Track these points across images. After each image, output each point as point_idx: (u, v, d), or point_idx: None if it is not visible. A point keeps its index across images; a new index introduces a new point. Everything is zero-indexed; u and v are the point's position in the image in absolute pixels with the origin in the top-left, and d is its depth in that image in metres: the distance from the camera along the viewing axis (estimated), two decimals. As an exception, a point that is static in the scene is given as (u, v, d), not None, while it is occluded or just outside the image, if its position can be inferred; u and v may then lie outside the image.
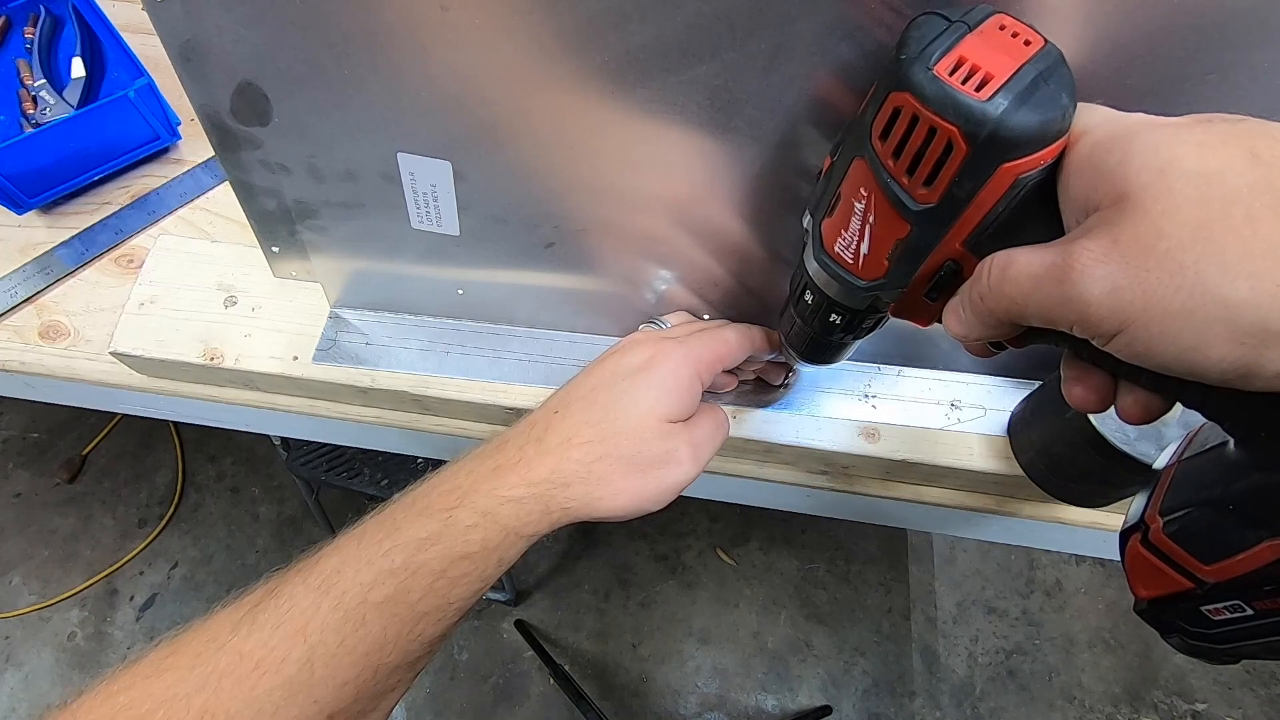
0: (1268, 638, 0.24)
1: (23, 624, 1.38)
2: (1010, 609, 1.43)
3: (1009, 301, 0.26)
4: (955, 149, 0.25)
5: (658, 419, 0.38)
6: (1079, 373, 0.27)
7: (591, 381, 0.39)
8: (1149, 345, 0.22)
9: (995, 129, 0.24)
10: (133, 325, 0.51)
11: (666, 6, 0.29)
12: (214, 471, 1.53)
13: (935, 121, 0.25)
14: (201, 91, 0.36)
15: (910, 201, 0.27)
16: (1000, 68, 0.24)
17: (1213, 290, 0.20)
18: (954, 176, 0.25)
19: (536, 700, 1.33)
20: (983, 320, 0.27)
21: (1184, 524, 0.26)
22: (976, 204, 0.26)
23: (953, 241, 0.28)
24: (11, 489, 1.49)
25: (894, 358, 0.51)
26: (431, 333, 0.51)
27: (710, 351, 0.40)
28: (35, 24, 0.63)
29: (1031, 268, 0.25)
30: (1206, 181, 0.21)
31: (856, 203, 0.29)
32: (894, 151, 0.26)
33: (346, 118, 0.37)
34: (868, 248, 0.30)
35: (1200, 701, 1.35)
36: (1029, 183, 0.25)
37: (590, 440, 0.37)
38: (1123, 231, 0.22)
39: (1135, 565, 0.28)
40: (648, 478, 0.37)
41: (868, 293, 0.32)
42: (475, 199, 0.41)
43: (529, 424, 0.38)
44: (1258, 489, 0.24)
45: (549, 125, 0.36)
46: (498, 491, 0.36)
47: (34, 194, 0.58)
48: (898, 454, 0.49)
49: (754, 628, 1.40)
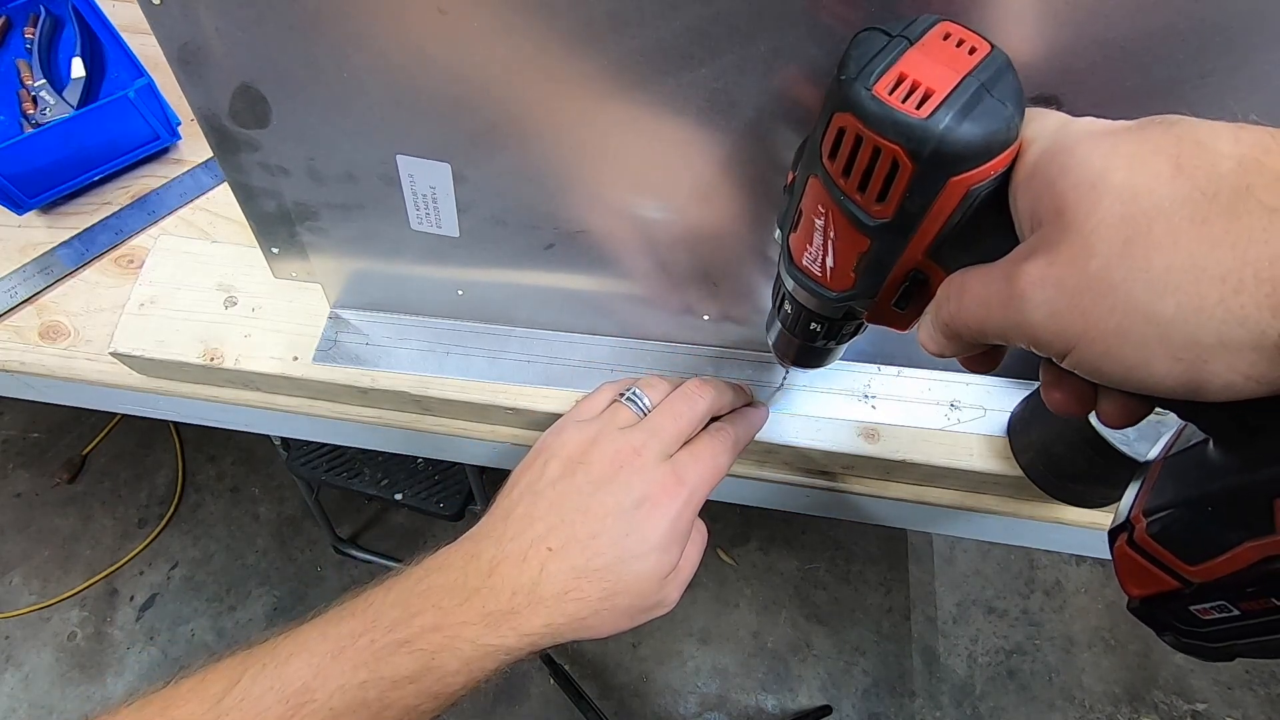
0: (1257, 637, 0.24)
1: (23, 624, 1.38)
2: (1010, 609, 1.43)
3: (968, 326, 0.26)
4: (901, 167, 0.25)
5: (659, 578, 0.38)
6: (1056, 378, 0.26)
7: (592, 520, 0.37)
8: (1096, 365, 0.22)
9: (938, 146, 0.24)
10: (133, 325, 0.51)
11: (665, 10, 0.29)
12: (214, 471, 1.53)
13: (878, 142, 0.25)
14: (200, 94, 0.36)
15: (866, 217, 0.27)
16: (941, 82, 0.24)
17: (1143, 308, 0.20)
18: (904, 192, 0.25)
19: (536, 700, 1.33)
20: (953, 339, 0.27)
21: (1166, 524, 0.26)
22: (931, 217, 0.26)
23: (914, 253, 0.28)
24: (11, 489, 1.49)
25: (894, 358, 0.51)
26: (431, 333, 0.51)
27: (709, 484, 0.40)
28: (35, 24, 0.63)
29: (982, 294, 0.25)
30: (1133, 196, 0.20)
31: (816, 219, 0.29)
32: (843, 170, 0.27)
33: (346, 120, 0.37)
34: (833, 261, 0.30)
35: (1200, 701, 1.35)
36: (982, 193, 0.25)
37: (588, 598, 0.36)
38: (1059, 252, 0.22)
39: (1123, 564, 0.28)
40: (635, 621, 0.38)
41: (839, 303, 0.32)
42: (475, 201, 0.41)
43: (521, 554, 0.36)
44: (1236, 490, 0.23)
45: (548, 128, 0.36)
46: (487, 641, 0.35)
47: (34, 194, 0.58)
48: (897, 454, 0.49)
49: (754, 628, 1.40)
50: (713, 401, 0.43)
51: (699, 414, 0.42)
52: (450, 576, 0.36)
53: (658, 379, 0.44)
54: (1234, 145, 0.20)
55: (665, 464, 0.39)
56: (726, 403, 0.44)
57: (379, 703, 0.33)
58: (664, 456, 0.40)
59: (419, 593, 0.36)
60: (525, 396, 0.50)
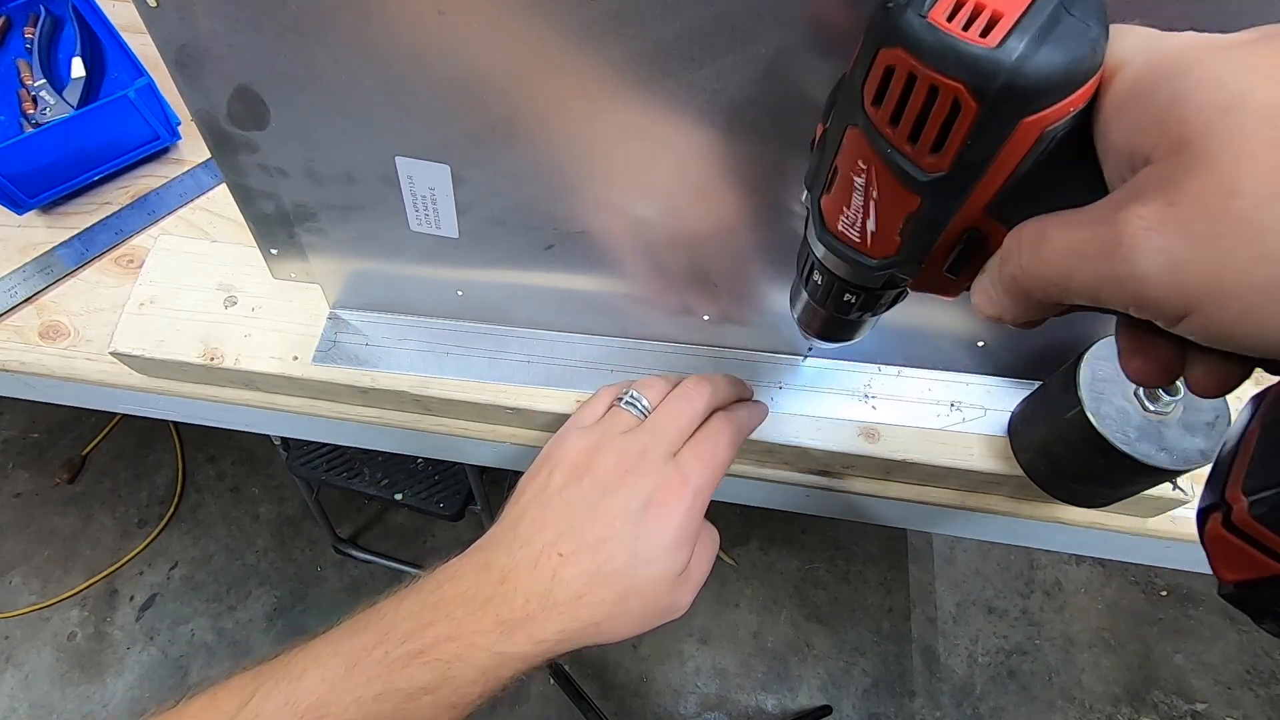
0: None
1: (23, 624, 1.38)
2: (1010, 609, 1.43)
3: (1046, 282, 0.22)
4: (963, 108, 0.21)
5: (669, 580, 0.38)
6: (1138, 343, 0.23)
7: (601, 524, 0.37)
8: (1226, 327, 0.18)
9: (1010, 80, 0.20)
10: (133, 325, 0.51)
11: (665, 11, 0.29)
12: (214, 471, 1.53)
13: (936, 79, 0.21)
14: (198, 97, 0.36)
15: (917, 172, 0.23)
16: (1009, 3, 0.20)
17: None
18: (965, 140, 0.22)
19: (536, 700, 1.33)
20: (1019, 301, 0.23)
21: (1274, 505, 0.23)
22: (996, 167, 0.22)
23: (972, 210, 0.24)
24: (11, 489, 1.49)
25: (894, 358, 0.51)
26: (431, 333, 0.51)
27: (714, 483, 0.40)
28: (35, 24, 0.63)
29: (1071, 242, 0.20)
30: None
31: (856, 177, 0.25)
32: (891, 118, 0.23)
33: (344, 122, 0.36)
34: (874, 224, 0.26)
35: (1200, 701, 1.35)
36: (1057, 134, 0.21)
37: (601, 602, 0.36)
38: (1183, 190, 0.18)
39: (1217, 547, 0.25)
40: (647, 624, 0.38)
41: (880, 271, 0.28)
42: (474, 202, 0.41)
43: (532, 561, 0.36)
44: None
45: (547, 128, 0.36)
46: (502, 649, 0.34)
47: (34, 194, 0.58)
48: (898, 454, 0.49)
49: (754, 628, 1.40)
50: (710, 398, 0.43)
51: (698, 411, 0.42)
52: (463, 586, 0.36)
53: (655, 379, 0.44)
54: None
55: (669, 464, 0.39)
56: (724, 397, 0.44)
57: (395, 715, 0.33)
58: (668, 457, 0.40)
59: (432, 604, 0.36)
60: (525, 396, 0.50)
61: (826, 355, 0.51)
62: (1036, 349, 0.48)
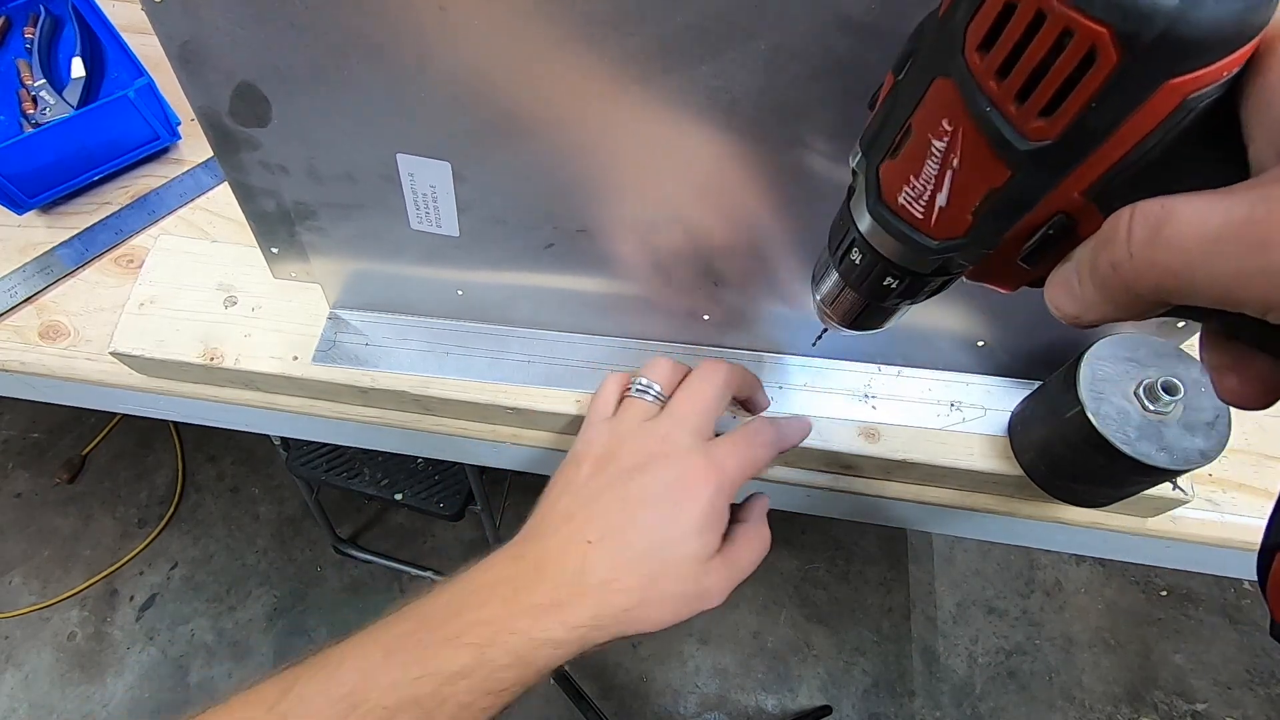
0: None
1: (23, 624, 1.38)
2: (1010, 609, 1.43)
3: (1163, 273, 0.18)
4: (1100, 60, 0.17)
5: (700, 561, 0.37)
6: (1234, 360, 0.20)
7: (630, 509, 0.37)
8: None
9: (1169, 28, 0.16)
10: (133, 325, 0.51)
11: (666, 7, 0.29)
12: (214, 471, 1.53)
13: (1075, 20, 0.17)
14: (200, 92, 0.36)
15: (1017, 138, 0.19)
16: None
17: None
18: (1089, 101, 0.18)
19: (536, 700, 1.33)
20: (1113, 297, 0.19)
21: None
22: (1116, 139, 0.19)
23: (1070, 190, 0.20)
24: (11, 489, 1.49)
25: (894, 358, 0.51)
26: (431, 333, 0.51)
27: (744, 471, 0.39)
28: (35, 24, 0.63)
29: (1206, 226, 0.17)
30: None
31: (935, 140, 0.21)
32: (1001, 68, 0.19)
33: (346, 118, 0.37)
34: (946, 199, 0.22)
35: (1200, 701, 1.35)
36: (1202, 102, 0.18)
37: (631, 587, 0.36)
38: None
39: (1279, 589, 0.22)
40: (680, 612, 0.37)
41: (939, 255, 0.24)
42: (475, 200, 0.41)
43: (562, 548, 0.37)
44: None
45: (548, 126, 0.36)
46: (534, 634, 0.34)
47: (34, 194, 0.58)
48: (898, 454, 0.49)
49: (754, 628, 1.40)
50: (728, 376, 0.42)
51: (718, 388, 0.41)
52: (496, 575, 0.37)
53: (658, 360, 0.44)
54: None
55: (697, 449, 0.39)
56: (742, 381, 0.44)
57: (432, 699, 0.33)
58: (693, 438, 0.39)
59: (468, 592, 0.36)
60: (525, 396, 0.50)
61: (828, 355, 0.51)
62: (1037, 349, 0.48)
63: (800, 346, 0.50)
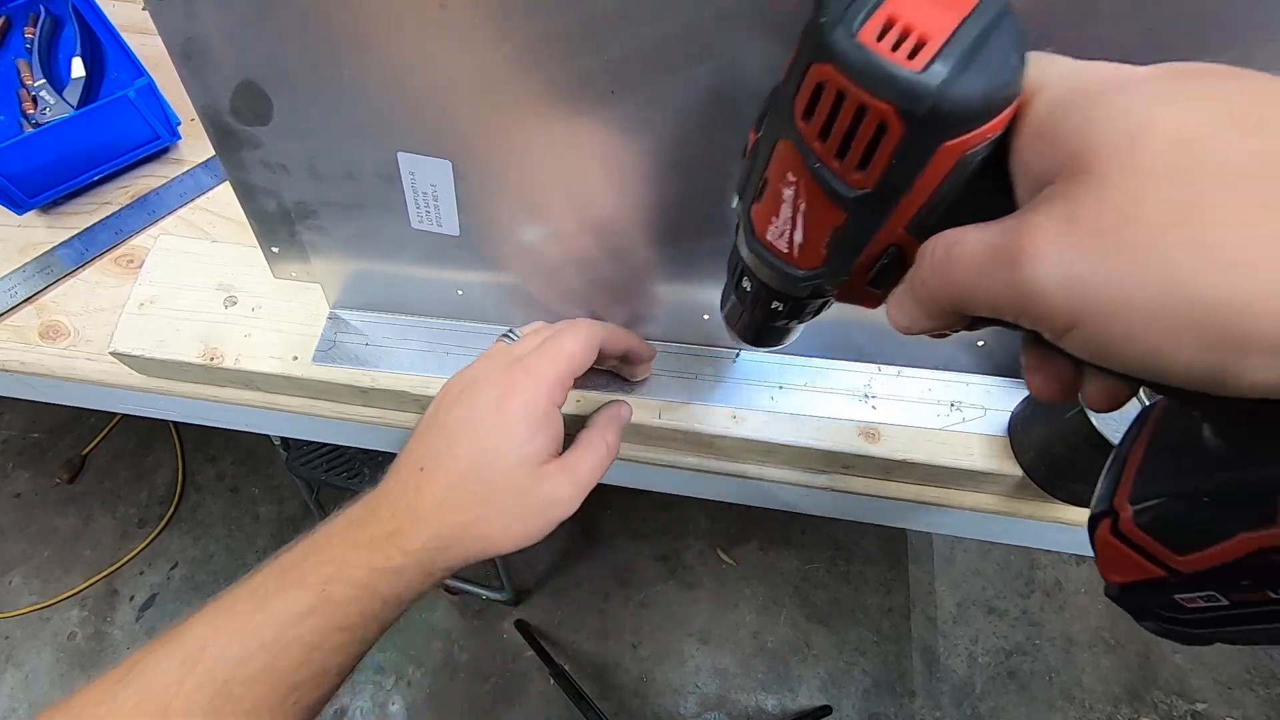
0: (1244, 625, 0.24)
1: (23, 624, 1.38)
2: (1010, 609, 1.43)
3: (953, 288, 0.22)
4: (889, 129, 0.21)
5: (530, 465, 0.37)
6: (1038, 360, 0.24)
7: (450, 430, 0.38)
8: (1107, 344, 0.19)
9: (935, 104, 0.20)
10: (133, 325, 0.51)
11: (669, 7, 0.29)
12: (214, 471, 1.53)
13: (864, 99, 0.21)
14: (202, 90, 0.36)
15: (843, 188, 0.24)
16: (937, 27, 0.20)
17: (1187, 287, 0.17)
18: (890, 159, 0.22)
19: (536, 700, 1.33)
20: (927, 310, 0.24)
21: (1157, 514, 0.24)
22: (918, 187, 0.23)
23: (894, 227, 0.25)
24: (11, 489, 1.49)
25: (894, 358, 0.51)
26: (431, 333, 0.51)
27: (556, 372, 0.39)
28: (35, 24, 0.63)
29: (978, 249, 0.21)
30: (1187, 152, 0.18)
31: (785, 189, 0.26)
32: (820, 133, 0.23)
33: (347, 117, 0.37)
34: (801, 236, 0.27)
35: (1200, 701, 1.35)
36: (976, 158, 0.22)
37: (464, 504, 0.36)
38: (1083, 208, 0.19)
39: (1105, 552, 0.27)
40: (529, 523, 0.37)
41: (807, 282, 0.28)
42: (475, 198, 0.41)
43: (398, 482, 0.38)
44: (1237, 483, 0.22)
45: (549, 125, 0.36)
46: (374, 563, 0.35)
47: (34, 194, 0.58)
48: (898, 454, 0.49)
49: (754, 628, 1.40)
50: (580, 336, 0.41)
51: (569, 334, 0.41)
52: (340, 519, 0.37)
53: (540, 323, 0.45)
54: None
55: (510, 367, 0.39)
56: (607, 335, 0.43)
57: (277, 643, 0.33)
58: (513, 361, 0.40)
59: (312, 540, 0.37)
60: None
61: (828, 355, 0.51)
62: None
63: (800, 347, 0.50)
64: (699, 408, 0.50)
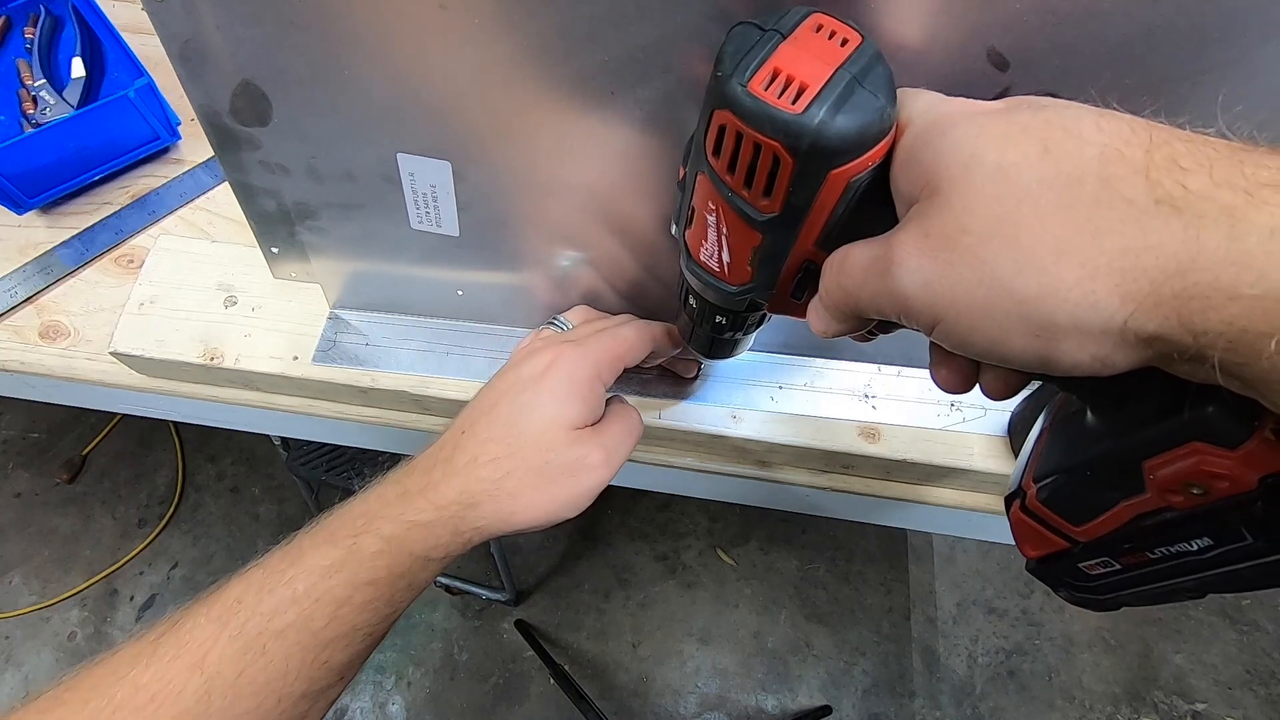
0: (1136, 587, 0.26)
1: (23, 624, 1.38)
2: (1010, 609, 1.43)
3: (846, 295, 0.26)
4: (782, 162, 0.25)
5: (562, 427, 0.37)
6: (939, 355, 0.27)
7: (494, 396, 0.38)
8: (962, 336, 0.23)
9: (815, 140, 0.24)
10: (133, 325, 0.51)
11: (668, 6, 0.29)
12: (214, 471, 1.53)
13: (758, 138, 0.25)
14: (201, 92, 0.36)
15: (754, 213, 0.27)
16: (814, 76, 0.24)
17: (1007, 285, 0.21)
18: (788, 187, 0.26)
19: (536, 700, 1.33)
20: (833, 315, 0.28)
21: (1053, 489, 0.28)
22: (816, 209, 0.27)
23: (805, 244, 0.28)
24: (11, 489, 1.49)
25: (894, 358, 0.51)
26: (431, 333, 0.51)
27: (608, 351, 0.40)
28: (35, 24, 0.63)
29: (861, 262, 0.25)
30: (1004, 176, 0.21)
31: (708, 215, 0.30)
32: (728, 167, 0.27)
33: (346, 118, 0.37)
34: (728, 256, 0.30)
35: (1200, 701, 1.35)
36: (863, 183, 0.26)
37: (496, 457, 0.36)
38: (932, 224, 0.23)
39: (1019, 528, 0.30)
40: (559, 487, 0.37)
41: (740, 296, 0.32)
42: (475, 199, 0.41)
43: (438, 445, 0.38)
44: (1110, 454, 0.25)
45: (550, 125, 0.36)
46: (404, 516, 0.35)
47: (34, 194, 0.58)
48: (898, 454, 0.49)
49: (754, 628, 1.40)
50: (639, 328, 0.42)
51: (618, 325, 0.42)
52: (381, 483, 0.38)
53: (580, 307, 0.46)
54: (1097, 133, 0.21)
55: (566, 339, 0.40)
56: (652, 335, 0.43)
57: (308, 597, 0.33)
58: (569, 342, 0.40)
59: (354, 502, 0.37)
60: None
61: (828, 355, 0.51)
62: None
63: (800, 346, 0.50)
64: (699, 408, 0.50)
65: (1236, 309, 0.18)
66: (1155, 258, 0.19)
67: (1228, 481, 0.21)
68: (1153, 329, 0.19)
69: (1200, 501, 0.22)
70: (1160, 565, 0.25)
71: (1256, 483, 0.21)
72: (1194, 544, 0.23)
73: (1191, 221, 0.19)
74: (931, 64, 0.29)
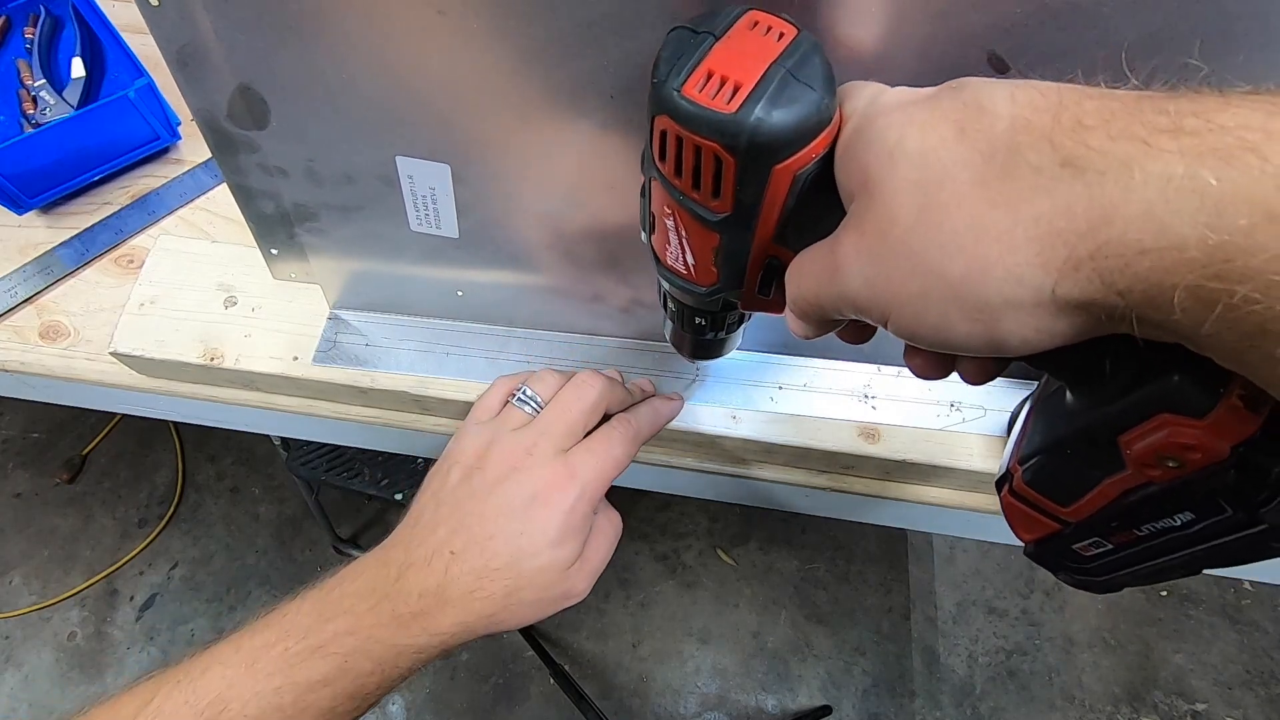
0: (1132, 567, 0.26)
1: (23, 624, 1.38)
2: (1010, 609, 1.43)
3: (808, 302, 0.26)
4: (724, 162, 0.25)
5: (559, 570, 0.38)
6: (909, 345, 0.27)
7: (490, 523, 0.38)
8: (910, 328, 0.22)
9: (752, 137, 0.24)
10: (133, 325, 0.51)
11: (664, 12, 0.29)
12: (214, 471, 1.53)
13: (697, 141, 0.25)
14: (198, 96, 0.36)
15: (707, 213, 0.27)
16: (747, 74, 0.24)
17: (937, 271, 0.20)
18: (735, 185, 0.26)
19: (536, 700, 1.33)
20: (804, 319, 0.28)
21: (1037, 470, 0.27)
22: (767, 205, 0.26)
23: (763, 240, 0.28)
24: (11, 489, 1.49)
25: (894, 358, 0.51)
26: (431, 334, 0.51)
27: (601, 476, 0.40)
28: (35, 24, 0.63)
29: (814, 268, 0.25)
30: (924, 162, 0.21)
31: (666, 220, 0.30)
32: (675, 171, 0.27)
33: (345, 121, 0.37)
34: (692, 258, 0.30)
35: (1200, 701, 1.35)
36: (809, 175, 0.26)
37: (494, 594, 0.37)
38: (866, 220, 0.22)
39: (1010, 513, 0.29)
40: (545, 610, 0.39)
41: (712, 297, 0.32)
42: (474, 202, 0.41)
43: (426, 560, 0.38)
44: (1086, 431, 0.25)
45: (548, 129, 0.36)
46: (399, 641, 0.36)
47: (34, 194, 0.58)
48: (898, 454, 0.49)
49: (754, 628, 1.40)
50: (603, 392, 0.42)
51: (589, 404, 0.42)
52: (361, 584, 0.38)
53: (547, 373, 0.44)
54: (1009, 105, 0.20)
55: (558, 459, 0.40)
56: (619, 398, 0.44)
57: (294, 707, 0.34)
58: (557, 452, 0.40)
59: (332, 601, 0.37)
60: (525, 397, 0.50)
61: (827, 355, 0.51)
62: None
63: (799, 346, 0.50)
64: (698, 408, 0.50)
65: (1147, 263, 0.17)
66: (1067, 221, 0.18)
67: (1199, 453, 0.21)
68: (1079, 294, 0.19)
69: (1177, 474, 0.22)
70: (1149, 543, 0.24)
71: (1229, 452, 0.20)
72: (1177, 519, 0.23)
73: (1094, 179, 0.18)
74: (931, 67, 0.29)
